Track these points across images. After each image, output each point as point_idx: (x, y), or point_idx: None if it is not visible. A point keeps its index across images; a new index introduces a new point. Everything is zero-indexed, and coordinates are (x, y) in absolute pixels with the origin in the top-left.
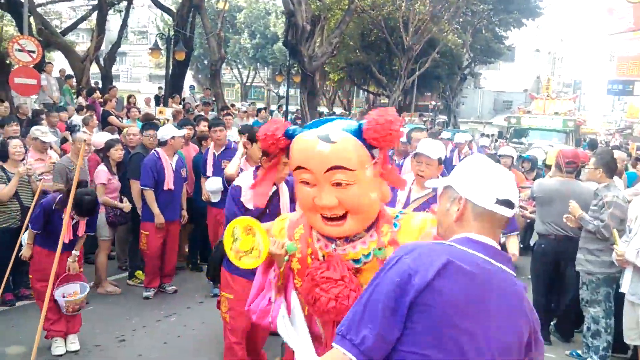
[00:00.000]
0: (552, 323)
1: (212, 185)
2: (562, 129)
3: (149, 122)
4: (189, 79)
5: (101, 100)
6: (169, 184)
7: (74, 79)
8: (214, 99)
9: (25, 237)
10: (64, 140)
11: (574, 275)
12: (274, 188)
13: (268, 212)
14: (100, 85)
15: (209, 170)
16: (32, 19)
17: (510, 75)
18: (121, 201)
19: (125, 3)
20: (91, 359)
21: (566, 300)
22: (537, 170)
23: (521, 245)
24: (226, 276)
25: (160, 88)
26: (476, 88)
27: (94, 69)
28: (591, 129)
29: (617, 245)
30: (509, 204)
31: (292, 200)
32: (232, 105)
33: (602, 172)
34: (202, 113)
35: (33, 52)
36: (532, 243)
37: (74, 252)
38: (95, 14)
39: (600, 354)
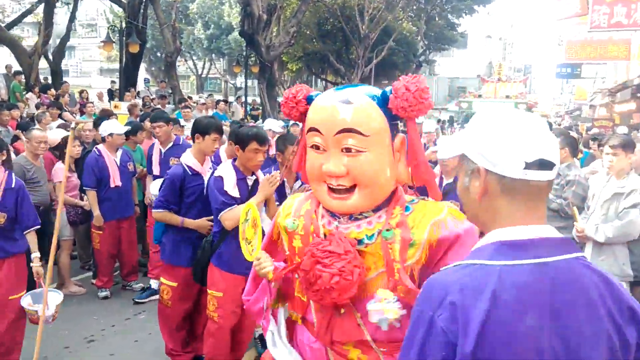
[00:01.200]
0: None
1: (156, 189)
2: None
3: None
4: (142, 72)
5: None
6: (115, 180)
7: (23, 75)
8: (170, 91)
9: None
10: (14, 139)
11: None
12: (254, 177)
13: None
14: (50, 81)
15: (155, 169)
16: None
17: (464, 62)
18: (81, 199)
19: None
20: None
21: None
22: None
23: None
24: (215, 273)
25: (113, 82)
26: (431, 75)
27: (43, 64)
28: (542, 112)
29: (577, 222)
30: (543, 164)
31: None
32: (190, 98)
33: (568, 152)
34: (159, 106)
35: None
36: None
37: (34, 254)
38: (41, 7)
39: None
